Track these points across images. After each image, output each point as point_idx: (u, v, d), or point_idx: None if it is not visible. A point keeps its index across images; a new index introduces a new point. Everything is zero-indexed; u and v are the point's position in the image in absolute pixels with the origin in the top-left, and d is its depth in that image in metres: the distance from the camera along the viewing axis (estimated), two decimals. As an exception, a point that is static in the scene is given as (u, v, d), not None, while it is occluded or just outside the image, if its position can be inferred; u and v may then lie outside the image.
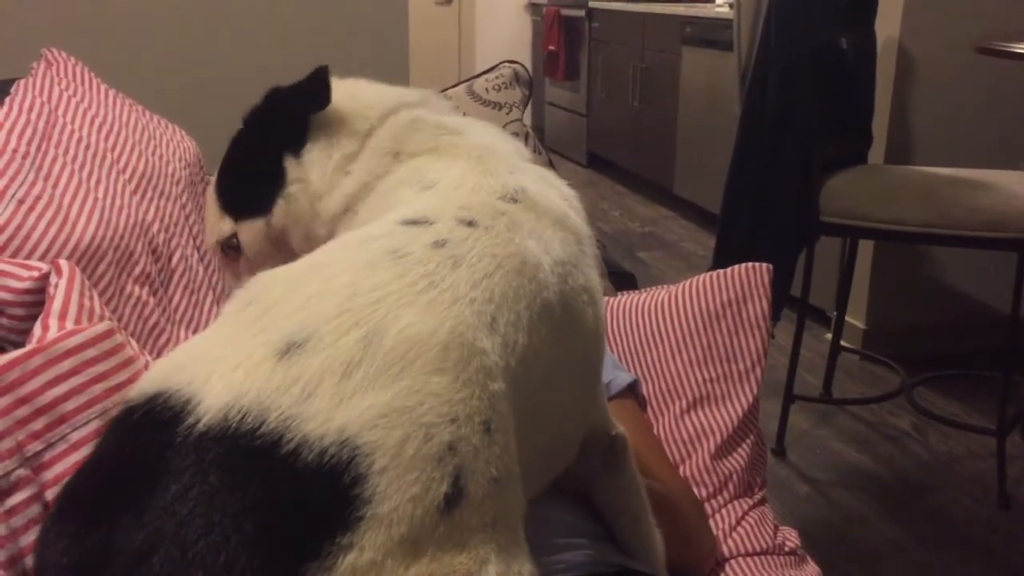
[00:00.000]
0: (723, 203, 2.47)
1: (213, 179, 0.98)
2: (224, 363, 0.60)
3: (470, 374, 0.62)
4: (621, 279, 1.81)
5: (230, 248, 0.93)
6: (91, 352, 0.78)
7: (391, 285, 0.64)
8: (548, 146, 6.41)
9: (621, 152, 5.60)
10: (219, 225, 0.94)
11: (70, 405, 0.75)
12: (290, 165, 0.90)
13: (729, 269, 1.43)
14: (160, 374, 0.62)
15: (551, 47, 6.20)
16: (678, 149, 4.77)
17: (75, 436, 0.74)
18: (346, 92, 0.93)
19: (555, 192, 0.87)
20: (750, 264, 1.43)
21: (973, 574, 2.05)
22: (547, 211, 0.81)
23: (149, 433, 0.59)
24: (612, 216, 4.87)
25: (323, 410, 0.57)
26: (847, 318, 2.93)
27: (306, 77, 0.91)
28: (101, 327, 0.79)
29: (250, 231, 0.92)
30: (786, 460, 2.48)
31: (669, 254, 4.25)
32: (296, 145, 0.91)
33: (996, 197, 2.21)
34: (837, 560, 2.05)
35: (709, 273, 1.45)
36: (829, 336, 2.86)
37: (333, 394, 0.58)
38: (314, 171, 0.90)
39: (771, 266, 1.43)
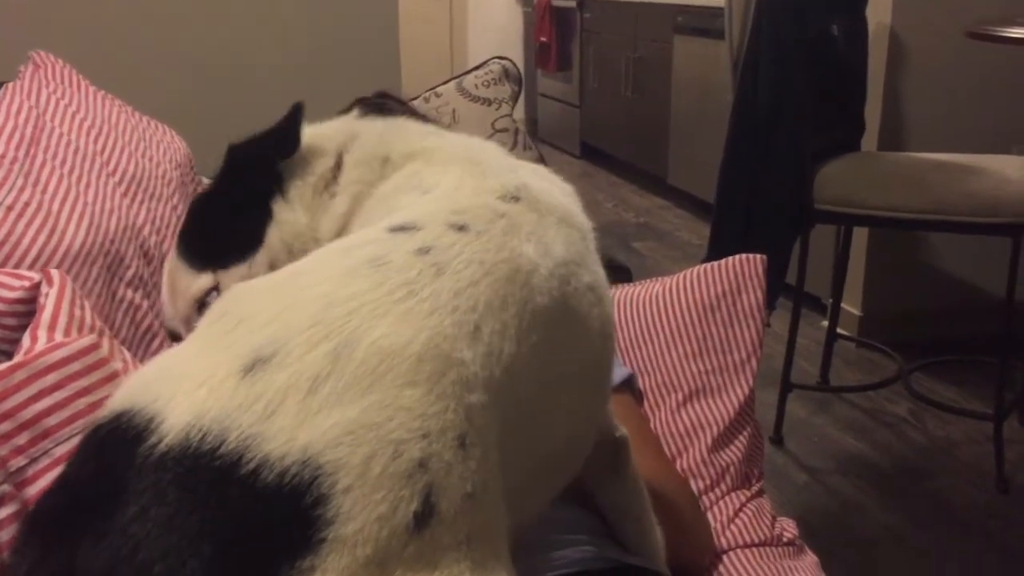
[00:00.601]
0: (717, 192, 2.47)
1: (172, 253, 0.92)
2: (189, 380, 0.58)
3: (445, 387, 0.60)
4: (616, 273, 1.80)
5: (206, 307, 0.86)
6: (75, 366, 0.77)
7: (368, 295, 0.62)
8: (541, 137, 6.40)
9: (615, 142, 5.59)
10: (195, 284, 0.87)
11: (53, 420, 0.74)
12: (278, 206, 0.88)
13: (723, 260, 1.43)
14: (128, 391, 0.61)
15: (543, 38, 6.18)
16: (671, 138, 4.76)
17: (58, 451, 0.73)
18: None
19: (555, 187, 0.85)
20: (744, 255, 1.42)
21: (971, 558, 2.06)
22: (551, 209, 0.79)
23: (113, 452, 0.57)
24: (606, 207, 4.87)
25: (286, 428, 0.55)
26: (843, 305, 2.93)
27: (276, 125, 0.88)
28: (85, 341, 0.78)
29: (236, 277, 0.85)
30: (784, 449, 2.48)
31: (664, 244, 4.24)
32: (280, 186, 0.88)
33: (988, 182, 2.21)
34: (835, 547, 2.06)
35: (703, 265, 1.45)
36: (825, 324, 2.86)
37: (297, 411, 0.55)
38: (297, 202, 0.87)
39: (765, 257, 1.43)
